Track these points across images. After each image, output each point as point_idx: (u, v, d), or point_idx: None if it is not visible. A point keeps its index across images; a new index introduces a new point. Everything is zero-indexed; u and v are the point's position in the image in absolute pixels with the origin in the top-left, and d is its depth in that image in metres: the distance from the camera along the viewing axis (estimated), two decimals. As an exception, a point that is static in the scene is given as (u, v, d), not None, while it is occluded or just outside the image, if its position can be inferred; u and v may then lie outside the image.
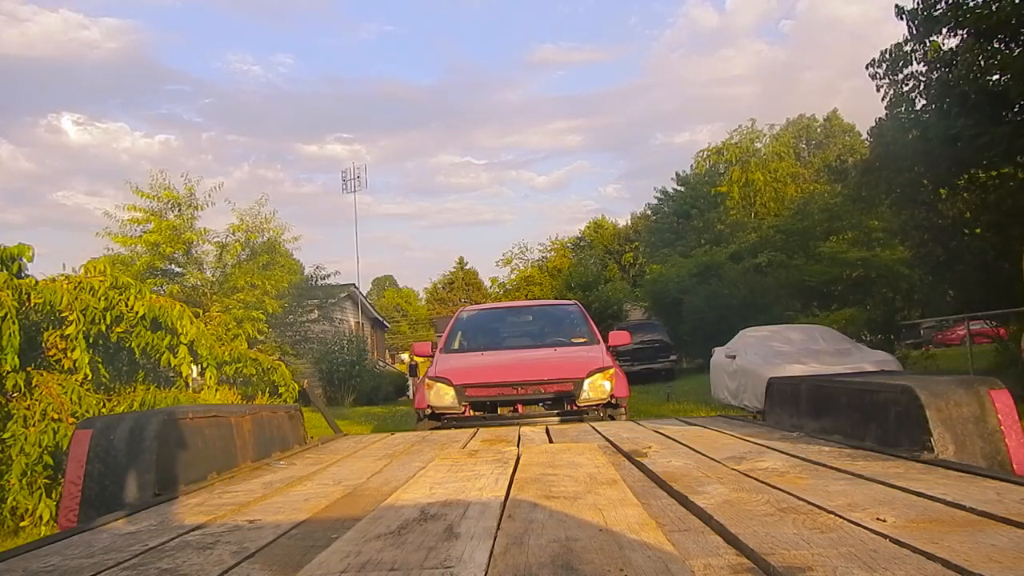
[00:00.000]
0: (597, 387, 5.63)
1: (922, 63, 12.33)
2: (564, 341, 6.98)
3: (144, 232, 14.52)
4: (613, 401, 5.65)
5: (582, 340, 6.86)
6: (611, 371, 5.79)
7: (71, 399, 4.83)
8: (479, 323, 7.79)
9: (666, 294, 22.48)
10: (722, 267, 21.81)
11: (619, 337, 6.97)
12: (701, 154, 36.27)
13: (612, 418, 5.54)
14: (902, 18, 12.04)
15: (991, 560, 1.11)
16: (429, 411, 5.70)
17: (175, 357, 5.46)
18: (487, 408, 5.72)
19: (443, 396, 5.67)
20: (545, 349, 6.77)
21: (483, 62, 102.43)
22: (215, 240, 15.53)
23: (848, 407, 2.57)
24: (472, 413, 5.67)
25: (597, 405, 5.60)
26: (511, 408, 5.70)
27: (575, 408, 5.59)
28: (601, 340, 6.71)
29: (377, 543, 1.32)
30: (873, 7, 60.98)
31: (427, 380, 5.89)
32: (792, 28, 77.76)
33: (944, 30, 11.63)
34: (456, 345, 7.03)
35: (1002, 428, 2.08)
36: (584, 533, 1.33)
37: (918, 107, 12.63)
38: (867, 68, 13.02)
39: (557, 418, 5.50)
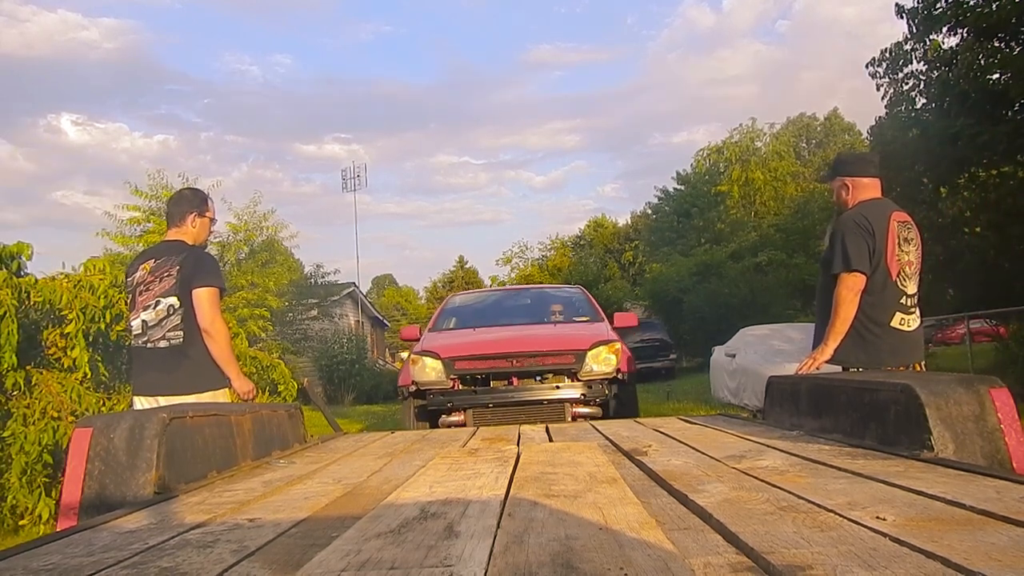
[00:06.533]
0: (602, 360, 5.15)
1: (922, 62, 12.35)
2: (565, 320, 6.45)
3: (144, 232, 14.52)
4: (619, 376, 5.17)
5: (585, 319, 6.39)
6: (617, 344, 5.34)
7: (71, 397, 4.83)
8: (472, 305, 7.21)
9: (666, 293, 22.51)
10: (722, 266, 21.85)
11: (625, 319, 6.45)
12: (701, 153, 36.26)
13: (618, 397, 5.10)
14: (902, 17, 12.06)
15: (990, 558, 1.11)
16: (413, 387, 5.25)
17: (174, 356, 5.44)
18: (478, 382, 5.21)
19: (428, 370, 5.19)
20: (544, 325, 6.29)
21: (481, 63, 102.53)
22: (216, 240, 15.54)
23: (848, 406, 2.57)
24: (460, 387, 5.16)
25: (602, 380, 5.11)
26: (505, 381, 5.18)
27: (577, 382, 5.10)
28: (605, 319, 6.24)
29: (377, 541, 1.32)
30: (869, 8, 61.05)
31: (412, 356, 5.48)
32: (789, 28, 77.76)
33: (944, 29, 11.65)
34: (447, 325, 6.50)
35: (1002, 427, 2.07)
36: (584, 532, 1.33)
37: (918, 106, 12.65)
38: (867, 67, 13.04)
39: (557, 390, 5.05)
